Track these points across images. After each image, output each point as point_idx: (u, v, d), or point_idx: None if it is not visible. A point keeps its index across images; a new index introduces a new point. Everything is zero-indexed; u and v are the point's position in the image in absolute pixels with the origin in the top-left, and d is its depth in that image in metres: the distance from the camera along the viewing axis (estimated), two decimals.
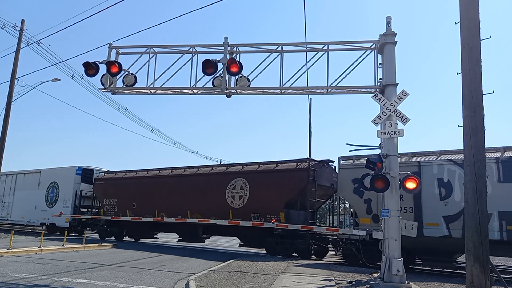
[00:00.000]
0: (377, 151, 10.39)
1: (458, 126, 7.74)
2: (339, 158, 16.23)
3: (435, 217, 13.43)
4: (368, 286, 9.82)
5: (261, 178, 18.08)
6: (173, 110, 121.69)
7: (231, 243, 25.55)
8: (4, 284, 8.47)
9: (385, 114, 9.87)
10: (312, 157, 19.64)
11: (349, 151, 10.76)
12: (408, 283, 9.27)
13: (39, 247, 15.28)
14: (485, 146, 7.37)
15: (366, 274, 12.25)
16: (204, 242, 22.28)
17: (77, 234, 25.27)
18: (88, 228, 25.07)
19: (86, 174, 25.61)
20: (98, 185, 24.54)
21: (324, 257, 17.93)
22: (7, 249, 14.13)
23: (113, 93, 11.99)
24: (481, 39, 7.66)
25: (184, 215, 19.85)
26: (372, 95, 10.22)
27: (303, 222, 16.95)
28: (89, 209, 25.14)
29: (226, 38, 11.01)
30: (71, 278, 9.55)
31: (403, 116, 9.70)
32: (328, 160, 17.99)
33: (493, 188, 12.33)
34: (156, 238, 24.37)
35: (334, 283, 10.21)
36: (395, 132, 9.74)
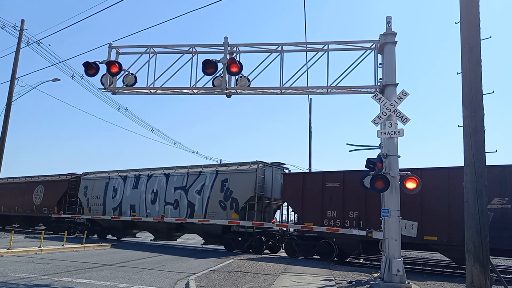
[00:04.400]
0: (377, 151, 10.38)
1: (458, 126, 7.73)
2: (82, 173, 27.02)
3: (110, 208, 23.89)
4: (368, 286, 9.83)
5: (49, 185, 28.14)
6: (173, 110, 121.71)
7: None
8: (4, 284, 8.47)
9: (385, 114, 9.87)
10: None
11: (349, 151, 10.73)
12: (408, 283, 9.27)
13: (39, 247, 15.29)
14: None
15: (366, 274, 12.26)
16: (35, 228, 31.30)
17: None
18: None
19: None
20: None
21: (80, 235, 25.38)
22: (7, 249, 14.13)
23: (113, 93, 11.99)
24: (481, 39, 7.65)
25: (15, 210, 29.67)
26: (372, 95, 10.21)
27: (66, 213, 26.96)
28: None
29: (226, 38, 11.00)
30: (71, 278, 9.55)
31: (403, 116, 9.70)
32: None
33: (130, 191, 23.16)
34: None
35: (334, 283, 10.21)
36: (395, 132, 9.73)
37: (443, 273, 14.01)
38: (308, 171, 23.26)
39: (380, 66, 10.54)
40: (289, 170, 19.85)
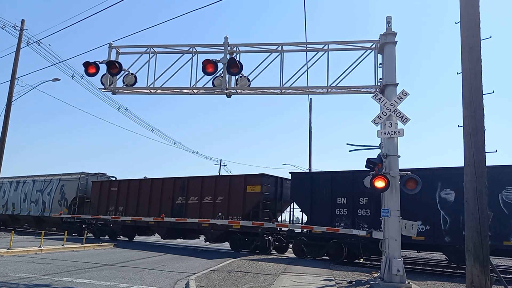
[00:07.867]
0: (377, 151, 10.38)
1: (458, 126, 7.73)
2: None
3: (0, 206, 30.55)
4: (368, 286, 9.83)
5: None
6: (173, 110, 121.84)
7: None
8: (4, 284, 8.48)
9: (385, 114, 9.87)
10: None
11: (349, 151, 10.74)
12: (408, 283, 9.27)
13: (39, 247, 15.29)
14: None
15: (366, 274, 12.26)
16: None
17: None
18: None
19: None
20: None
21: None
22: (7, 249, 14.13)
23: (113, 93, 11.99)
24: (481, 39, 7.64)
25: None
26: (372, 95, 10.21)
27: None
28: None
29: (226, 38, 11.00)
30: (71, 278, 9.55)
31: (403, 116, 9.70)
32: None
33: (13, 193, 30.49)
34: None
35: (334, 283, 10.21)
36: (395, 132, 9.73)
37: (443, 273, 14.02)
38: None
39: (380, 66, 10.54)
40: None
